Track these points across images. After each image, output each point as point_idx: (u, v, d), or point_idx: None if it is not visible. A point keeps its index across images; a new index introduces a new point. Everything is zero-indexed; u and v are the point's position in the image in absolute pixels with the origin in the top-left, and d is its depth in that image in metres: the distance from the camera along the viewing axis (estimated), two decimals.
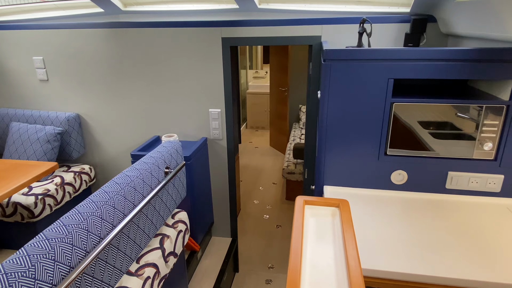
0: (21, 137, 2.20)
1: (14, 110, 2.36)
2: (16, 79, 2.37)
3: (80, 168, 2.37)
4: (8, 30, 2.25)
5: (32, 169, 1.69)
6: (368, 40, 1.60)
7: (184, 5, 2.17)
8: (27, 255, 0.84)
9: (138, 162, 1.39)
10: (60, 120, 2.27)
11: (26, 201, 1.96)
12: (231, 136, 2.25)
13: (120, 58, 2.18)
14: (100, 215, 1.06)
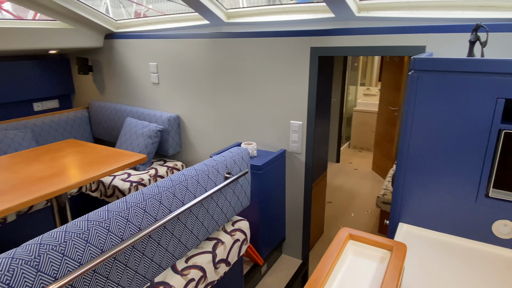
0: (131, 131, 2.55)
1: (130, 107, 2.78)
2: (135, 80, 2.78)
3: (173, 164, 2.61)
4: (132, 39, 2.66)
5: (125, 158, 1.92)
6: (481, 51, 1.27)
7: (280, 16, 2.17)
8: (65, 230, 0.93)
9: (199, 164, 1.41)
10: (163, 119, 2.54)
11: (123, 186, 2.25)
12: (311, 150, 2.11)
13: (216, 66, 2.32)
14: (144, 208, 1.11)
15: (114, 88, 2.95)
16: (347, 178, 4.49)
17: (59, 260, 0.88)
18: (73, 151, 2.04)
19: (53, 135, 2.75)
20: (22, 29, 2.37)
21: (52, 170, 1.74)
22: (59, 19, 2.48)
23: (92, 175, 1.69)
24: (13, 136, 2.38)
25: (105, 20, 2.70)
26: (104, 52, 2.90)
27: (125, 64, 2.78)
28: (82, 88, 3.23)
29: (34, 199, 1.46)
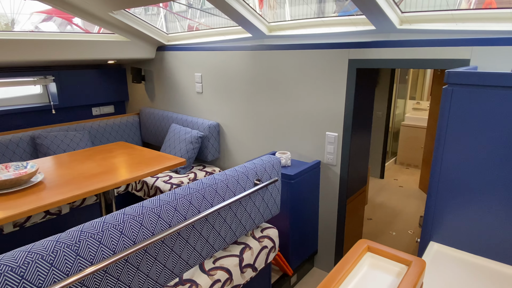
0: (174, 136, 2.71)
1: (176, 114, 2.95)
2: (181, 90, 2.96)
3: (211, 169, 2.72)
4: (181, 51, 2.85)
5: (167, 161, 2.06)
6: None
7: (321, 29, 2.20)
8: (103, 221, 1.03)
9: (230, 169, 1.48)
10: (204, 126, 2.67)
11: (164, 188, 2.39)
12: (347, 163, 2.08)
13: (256, 77, 2.40)
14: (175, 206, 1.19)
15: (162, 96, 3.17)
16: (391, 195, 4.30)
17: (96, 247, 0.98)
18: (122, 152, 2.23)
19: (107, 137, 3.02)
20: (87, 41, 2.67)
21: (102, 168, 1.92)
22: (117, 32, 2.75)
23: (136, 175, 1.83)
24: (72, 136, 2.65)
25: (158, 34, 2.93)
26: (156, 63, 3.13)
27: (173, 74, 2.98)
28: (135, 96, 3.50)
29: (84, 193, 1.62)
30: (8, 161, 2.42)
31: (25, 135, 2.51)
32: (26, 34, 2.41)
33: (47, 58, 2.50)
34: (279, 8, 6.11)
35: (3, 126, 2.75)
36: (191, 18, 8.78)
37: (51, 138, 2.55)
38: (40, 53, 2.45)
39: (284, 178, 1.97)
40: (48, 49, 2.47)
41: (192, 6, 8.79)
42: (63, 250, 0.91)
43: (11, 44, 2.30)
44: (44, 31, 2.62)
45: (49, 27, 8.13)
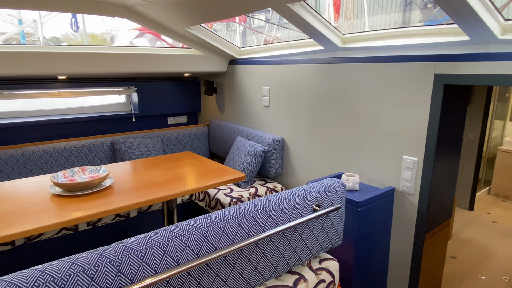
0: (239, 149, 2.70)
1: (242, 127, 2.95)
2: (249, 103, 2.95)
3: (273, 185, 2.63)
4: (251, 64, 2.85)
5: (227, 175, 2.03)
6: None
7: (402, 40, 1.97)
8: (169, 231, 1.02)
9: (287, 191, 1.36)
10: (268, 140, 2.60)
11: (224, 200, 2.37)
12: (428, 193, 1.80)
13: (325, 91, 2.26)
14: (223, 228, 1.12)
15: (231, 109, 3.20)
16: (482, 231, 3.67)
17: (160, 256, 0.98)
18: (187, 162, 2.27)
19: (178, 146, 3.15)
20: (165, 55, 2.83)
21: (167, 177, 1.97)
22: (193, 46, 2.87)
23: (196, 186, 1.83)
24: (146, 144, 2.82)
25: (231, 48, 2.98)
26: (227, 76, 3.19)
27: (242, 87, 3.00)
28: (206, 107, 3.62)
29: (146, 201, 1.66)
30: (90, 163, 2.66)
31: (106, 140, 2.75)
32: (113, 48, 2.65)
33: (131, 71, 2.71)
34: (356, 19, 5.84)
35: (90, 130, 3.06)
36: (267, 32, 8.96)
37: (128, 144, 2.74)
38: (126, 66, 2.67)
39: (349, 204, 1.77)
40: (132, 62, 2.68)
41: (269, 21, 8.97)
42: (129, 256, 0.93)
43: (106, 57, 2.55)
44: (136, 46, 2.86)
45: (142, 43, 9.08)
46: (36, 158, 2.43)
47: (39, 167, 2.44)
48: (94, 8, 2.27)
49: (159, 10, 2.32)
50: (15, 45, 2.30)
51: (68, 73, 2.50)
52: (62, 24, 11.26)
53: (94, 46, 2.60)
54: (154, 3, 2.22)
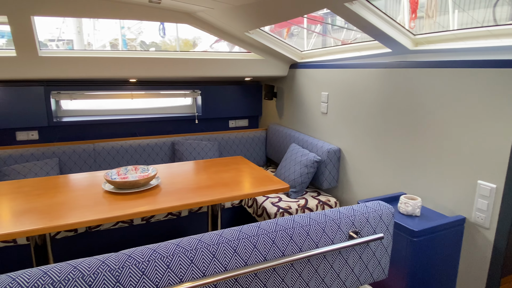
0: (291, 157, 2.58)
1: (298, 134, 2.82)
2: (306, 109, 2.81)
3: (326, 199, 2.44)
4: (311, 68, 2.70)
5: (271, 184, 1.94)
6: None
7: (486, 41, 1.64)
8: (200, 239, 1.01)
9: (318, 212, 1.22)
10: (323, 150, 2.43)
11: (270, 210, 2.29)
12: (508, 228, 1.45)
13: (391, 99, 2.01)
14: (234, 248, 1.04)
15: (289, 114, 3.10)
16: None
17: (209, 260, 0.99)
18: (234, 168, 2.25)
19: (234, 149, 3.16)
20: (228, 60, 2.87)
21: (211, 182, 1.97)
22: (253, 51, 2.84)
23: (235, 194, 1.79)
24: (203, 146, 2.89)
25: (291, 52, 2.88)
26: (287, 81, 3.10)
27: (301, 93, 2.87)
28: (267, 112, 3.58)
29: (185, 205, 1.67)
30: (151, 161, 2.83)
31: (168, 140, 2.89)
32: (179, 53, 2.77)
33: (196, 75, 2.82)
34: (438, 16, 5.14)
35: (157, 130, 3.27)
36: (328, 34, 8.55)
37: (187, 145, 2.84)
38: (191, 70, 2.78)
39: (404, 232, 1.53)
40: (197, 67, 2.78)
41: (334, 24, 8.56)
42: (180, 254, 0.97)
43: (174, 62, 2.69)
44: (217, 51, 2.97)
45: (221, 47, 9.50)
46: (105, 154, 2.67)
47: (107, 162, 2.68)
48: (160, 15, 2.39)
49: (218, 15, 2.34)
50: (95, 50, 2.57)
51: (139, 77, 2.70)
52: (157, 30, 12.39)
53: (162, 52, 2.76)
54: (213, 8, 2.25)
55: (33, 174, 2.34)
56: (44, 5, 2.08)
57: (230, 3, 2.07)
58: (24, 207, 1.58)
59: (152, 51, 2.79)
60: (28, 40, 2.21)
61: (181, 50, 10.93)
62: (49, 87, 2.79)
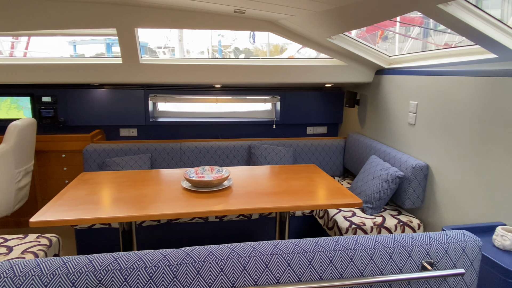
0: (370, 169, 2.41)
1: (380, 145, 2.62)
2: (391, 118, 2.59)
3: (408, 219, 2.22)
4: (399, 75, 2.48)
5: (342, 198, 1.84)
6: None
7: None
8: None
9: (387, 236, 1.11)
10: (407, 165, 2.22)
11: (342, 224, 2.17)
12: None
13: (492, 112, 1.73)
14: (310, 260, 1.01)
15: (371, 123, 2.91)
16: None
17: (284, 268, 1.00)
18: (305, 176, 2.20)
19: (309, 156, 3.10)
20: (308, 66, 2.84)
21: (279, 188, 1.97)
22: (335, 56, 2.75)
23: (301, 203, 1.75)
24: (278, 151, 2.91)
25: (378, 57, 2.70)
26: (372, 87, 2.91)
27: (387, 101, 2.66)
28: (348, 119, 3.42)
29: (257, 209, 1.70)
30: (229, 163, 2.96)
31: (245, 144, 2.99)
32: (260, 60, 2.85)
33: (276, 81, 2.86)
34: None
35: (236, 133, 3.41)
36: (428, 37, 7.66)
37: (262, 149, 2.90)
38: (272, 76, 2.84)
39: (496, 270, 1.29)
40: (278, 73, 2.83)
41: (428, 27, 7.65)
42: (256, 257, 0.99)
43: (256, 69, 2.79)
44: (302, 58, 3.01)
45: (308, 52, 9.47)
46: (189, 153, 2.90)
47: (190, 161, 2.90)
48: (245, 24, 2.50)
49: (300, 22, 2.33)
50: (187, 58, 2.82)
51: (225, 83, 2.87)
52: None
53: (248, 59, 2.88)
54: (295, 15, 2.25)
55: (128, 167, 2.66)
56: (146, 19, 2.36)
57: (312, 9, 2.04)
58: (118, 196, 1.81)
59: (236, 58, 2.92)
60: (132, 49, 2.53)
61: (271, 55, 11.24)
62: (148, 91, 3.15)
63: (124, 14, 2.32)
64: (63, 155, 2.95)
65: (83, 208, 1.64)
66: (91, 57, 3.44)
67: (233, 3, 2.12)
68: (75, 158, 2.97)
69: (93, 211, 1.61)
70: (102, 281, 0.90)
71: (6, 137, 2.32)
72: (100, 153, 2.74)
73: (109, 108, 3.10)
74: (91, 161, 2.72)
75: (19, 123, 2.38)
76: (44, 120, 3.02)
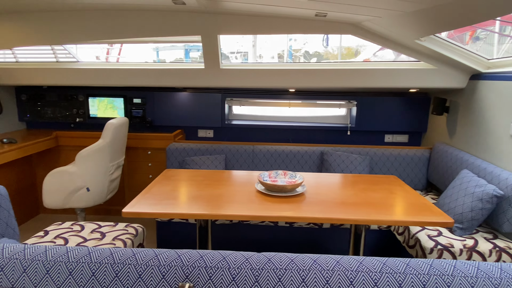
0: (461, 185, 2.16)
1: (473, 158, 2.33)
2: (489, 129, 2.28)
3: (506, 245, 1.93)
4: (502, 80, 2.18)
5: (428, 215, 1.68)
6: None
7: None
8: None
9: (491, 264, 0.97)
10: (507, 183, 1.93)
11: (425, 243, 1.98)
12: None
13: None
14: (375, 281, 0.94)
15: (463, 134, 2.60)
16: None
17: (346, 286, 0.94)
18: (386, 188, 2.06)
19: (388, 167, 2.90)
20: (389, 70, 2.66)
21: (357, 199, 1.87)
22: (422, 59, 2.53)
23: (381, 217, 1.63)
24: (353, 159, 2.78)
25: (474, 60, 2.41)
26: (465, 94, 2.61)
27: (484, 109, 2.36)
28: (433, 128, 3.12)
29: (333, 219, 1.64)
30: (300, 168, 2.92)
31: (317, 149, 2.92)
32: (335, 64, 2.76)
33: (353, 86, 2.75)
34: None
35: (308, 138, 3.35)
36: None
37: (335, 156, 2.80)
38: (348, 81, 2.74)
39: None
40: (354, 77, 2.71)
41: None
42: (316, 272, 0.95)
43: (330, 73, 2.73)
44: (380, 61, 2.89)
45: (386, 55, 8.95)
46: (261, 156, 2.93)
47: (262, 164, 2.93)
48: (325, 27, 2.45)
49: (386, 23, 2.20)
50: (263, 63, 2.86)
51: (300, 87, 2.85)
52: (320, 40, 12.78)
53: (322, 63, 2.81)
54: (381, 17, 2.13)
55: (205, 166, 2.80)
56: (229, 26, 2.45)
57: (401, 9, 1.91)
58: (197, 193, 1.90)
59: (313, 62, 2.88)
60: (214, 55, 2.65)
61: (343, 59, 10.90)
62: (225, 94, 3.28)
63: (209, 22, 2.44)
64: (148, 152, 3.22)
65: (166, 203, 1.76)
66: (172, 62, 3.71)
67: (315, 7, 2.09)
68: (158, 155, 3.23)
69: (175, 206, 1.71)
70: (189, 276, 0.95)
71: (104, 133, 2.62)
72: (181, 151, 2.93)
73: (189, 110, 3.30)
74: (173, 158, 2.92)
75: (115, 121, 2.66)
76: (134, 120, 3.34)
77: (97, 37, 2.50)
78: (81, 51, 7.06)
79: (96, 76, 2.93)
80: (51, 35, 2.54)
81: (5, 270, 0.97)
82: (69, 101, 3.34)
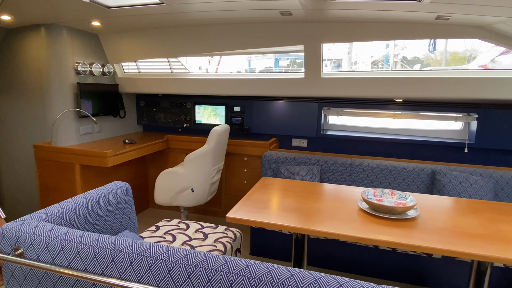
0: None
1: None
2: None
3: None
4: None
5: None
6: None
7: None
8: None
9: None
10: None
11: None
12: None
13: None
14: None
15: None
16: None
17: None
18: None
19: None
20: None
21: (484, 230, 1.59)
22: None
23: None
24: (473, 181, 2.39)
25: None
26: None
27: None
28: None
29: (456, 252, 1.43)
30: (406, 187, 2.65)
31: (428, 167, 2.61)
32: (449, 72, 2.44)
33: (470, 96, 2.41)
34: None
35: (414, 154, 3.03)
36: None
37: (450, 177, 2.46)
38: (465, 91, 2.40)
39: None
40: (473, 86, 2.36)
41: None
42: None
43: (443, 81, 2.44)
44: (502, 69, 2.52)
45: (506, 60, 7.66)
46: (360, 170, 2.76)
47: (360, 179, 2.76)
48: (446, 32, 2.19)
49: None
50: (366, 71, 2.70)
51: (407, 97, 2.61)
52: (423, 45, 11.73)
53: (433, 70, 2.53)
54: None
55: (300, 176, 2.75)
56: (333, 34, 2.38)
57: None
58: (295, 205, 1.87)
59: (421, 70, 2.61)
60: (315, 64, 2.61)
61: (447, 65, 9.72)
62: (322, 104, 3.20)
63: (313, 31, 2.41)
64: (245, 158, 3.34)
65: (265, 212, 1.76)
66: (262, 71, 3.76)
67: (437, 9, 1.88)
68: (254, 162, 3.31)
69: (274, 217, 1.70)
70: None
71: (209, 139, 2.79)
72: (276, 160, 2.95)
73: (285, 119, 3.32)
74: (268, 166, 2.96)
75: (219, 128, 2.81)
76: (233, 127, 3.50)
77: (209, 49, 2.69)
78: (190, 62, 7.79)
79: (203, 86, 3.17)
80: (169, 49, 2.84)
81: (117, 262, 1.08)
82: (179, 108, 3.69)
